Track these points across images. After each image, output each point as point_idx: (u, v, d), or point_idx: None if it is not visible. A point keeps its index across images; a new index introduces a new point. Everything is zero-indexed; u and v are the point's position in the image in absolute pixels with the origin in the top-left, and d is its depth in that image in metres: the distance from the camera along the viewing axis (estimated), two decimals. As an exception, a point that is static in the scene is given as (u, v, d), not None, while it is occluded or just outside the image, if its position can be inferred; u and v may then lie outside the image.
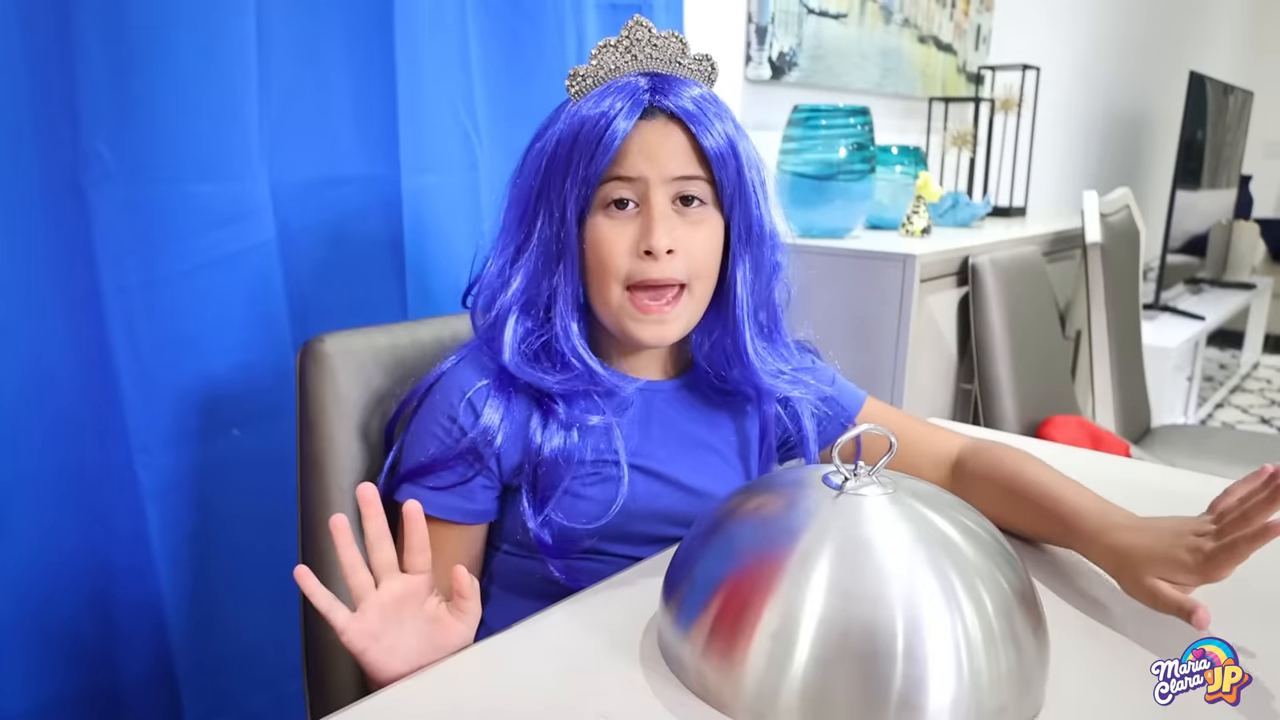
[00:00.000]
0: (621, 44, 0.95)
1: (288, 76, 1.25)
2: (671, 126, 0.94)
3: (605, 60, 0.94)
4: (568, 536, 0.98)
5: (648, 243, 0.93)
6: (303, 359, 1.06)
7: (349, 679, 1.05)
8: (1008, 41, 3.65)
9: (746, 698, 0.67)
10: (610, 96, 0.93)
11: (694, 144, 0.94)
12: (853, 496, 0.71)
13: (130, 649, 1.22)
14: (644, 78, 0.94)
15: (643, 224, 0.94)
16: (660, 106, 0.93)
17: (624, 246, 0.94)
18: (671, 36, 0.96)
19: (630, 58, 0.95)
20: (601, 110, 0.92)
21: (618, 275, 0.95)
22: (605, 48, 0.94)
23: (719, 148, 0.94)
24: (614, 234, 0.95)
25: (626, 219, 0.95)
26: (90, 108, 1.07)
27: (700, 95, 0.95)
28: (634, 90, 0.93)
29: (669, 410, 1.05)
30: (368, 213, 1.37)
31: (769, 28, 2.39)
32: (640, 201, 0.94)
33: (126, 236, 1.12)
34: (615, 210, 0.95)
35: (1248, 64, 7.19)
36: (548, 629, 0.82)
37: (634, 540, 1.00)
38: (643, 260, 0.94)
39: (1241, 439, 3.01)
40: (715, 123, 0.94)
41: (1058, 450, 1.35)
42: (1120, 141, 5.33)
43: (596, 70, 0.94)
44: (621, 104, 0.92)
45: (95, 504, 1.16)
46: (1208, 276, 4.89)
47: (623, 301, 0.96)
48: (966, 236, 2.52)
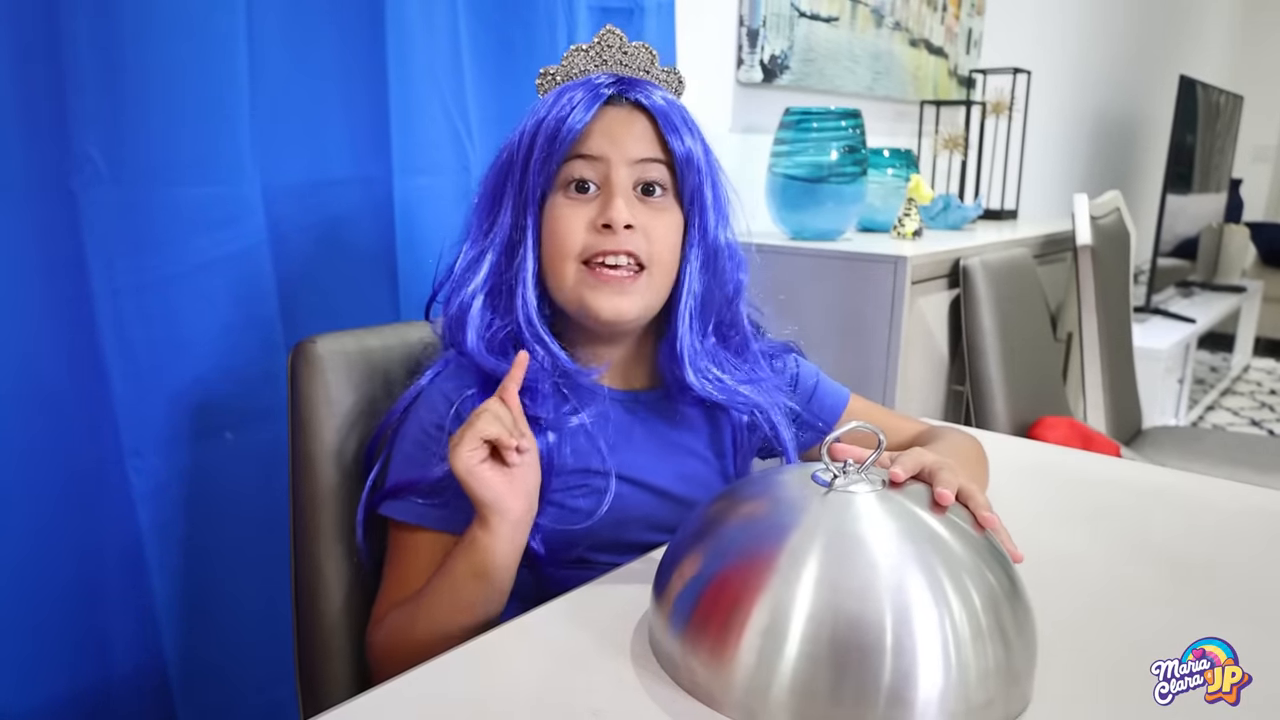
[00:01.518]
0: (593, 50, 0.97)
1: (279, 78, 1.25)
2: (636, 114, 0.96)
3: (575, 62, 0.97)
4: (557, 543, 0.98)
5: (606, 216, 0.94)
6: (294, 360, 1.06)
7: (342, 681, 1.05)
8: (999, 45, 3.66)
9: (737, 693, 0.67)
10: (576, 89, 0.95)
11: (657, 134, 0.96)
12: (842, 494, 0.72)
13: (122, 651, 1.21)
14: (611, 77, 0.97)
15: (602, 200, 0.95)
16: (626, 96, 0.96)
17: (581, 224, 0.96)
18: (642, 48, 0.98)
19: (600, 62, 0.96)
20: (566, 99, 0.94)
21: (574, 251, 0.96)
22: (576, 51, 0.97)
23: (684, 147, 0.97)
24: (572, 213, 0.96)
25: (586, 201, 0.96)
26: (80, 110, 1.07)
27: (667, 97, 0.98)
28: (599, 83, 0.95)
29: (652, 419, 1.05)
30: (359, 215, 1.38)
31: (760, 31, 2.40)
32: (601, 184, 0.96)
33: (117, 239, 1.12)
34: (575, 193, 0.96)
35: (1238, 68, 7.21)
36: (538, 627, 0.82)
37: (621, 549, 1.00)
38: (600, 234, 0.95)
39: (1231, 440, 3.02)
40: (681, 124, 0.97)
41: (1049, 451, 1.36)
42: (1111, 145, 5.34)
43: (566, 70, 0.96)
44: (585, 93, 0.94)
45: (87, 506, 1.15)
46: (1198, 280, 4.91)
47: (580, 275, 0.96)
48: (958, 239, 2.53)
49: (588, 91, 0.95)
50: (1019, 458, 1.32)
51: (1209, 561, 0.98)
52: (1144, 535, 1.05)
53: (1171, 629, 0.83)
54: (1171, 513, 1.11)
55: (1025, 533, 1.01)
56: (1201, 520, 1.09)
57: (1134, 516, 1.10)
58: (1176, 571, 0.95)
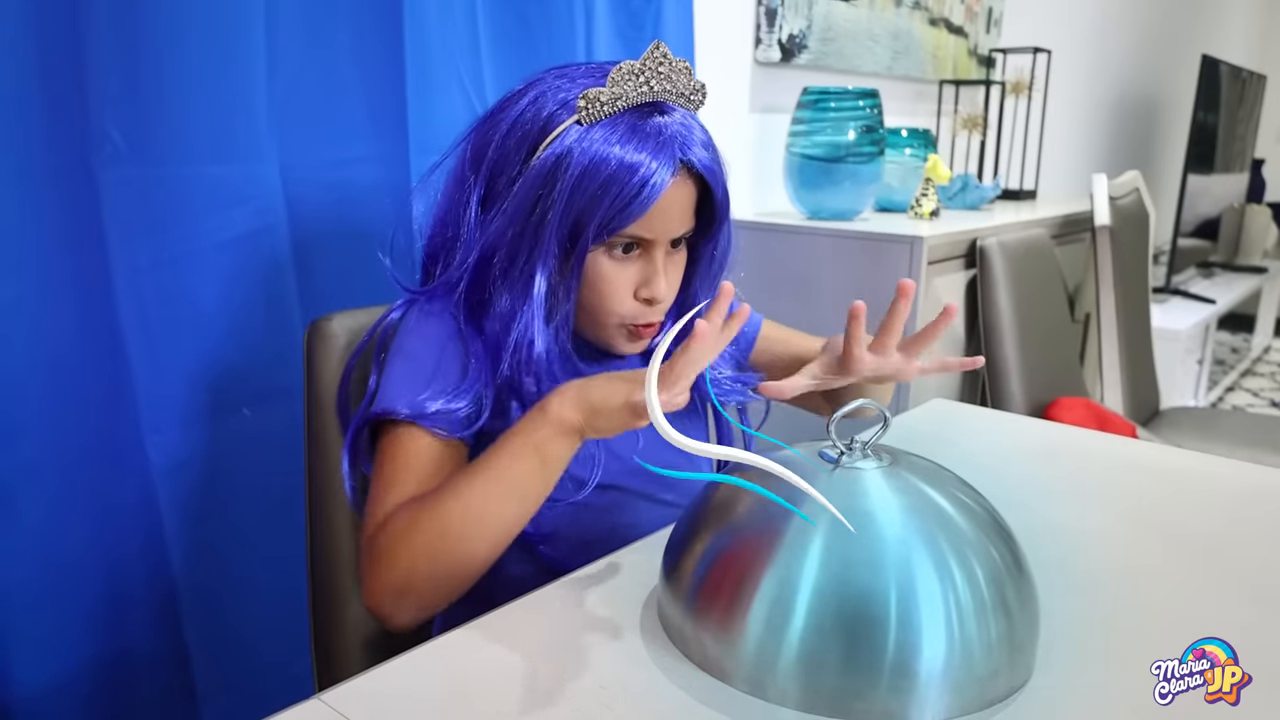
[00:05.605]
0: (641, 75, 0.94)
1: (296, 57, 1.26)
2: (688, 184, 0.98)
3: (625, 91, 0.93)
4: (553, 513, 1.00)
5: (650, 292, 0.99)
6: (310, 338, 1.07)
7: (357, 656, 1.07)
8: (1019, 24, 3.64)
9: (746, 666, 0.68)
10: (645, 147, 0.93)
11: (698, 197, 1.00)
12: (848, 470, 0.73)
13: (142, 625, 1.23)
14: (663, 117, 0.95)
15: (645, 271, 0.99)
16: (686, 164, 0.96)
17: (625, 288, 0.99)
18: (683, 69, 0.97)
19: (647, 88, 0.95)
20: (637, 162, 0.92)
21: (620, 315, 1.00)
22: (629, 76, 0.93)
23: (723, 211, 1.02)
24: (616, 274, 0.99)
25: (628, 261, 0.99)
26: (99, 90, 1.08)
27: (705, 140, 0.98)
28: (666, 146, 0.94)
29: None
30: (377, 194, 1.38)
31: (779, 10, 2.39)
32: (642, 249, 0.99)
33: (136, 218, 1.13)
34: (620, 253, 0.98)
35: (1261, 47, 7.15)
36: (548, 603, 0.83)
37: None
38: (641, 305, 1.00)
39: (1249, 421, 3.00)
40: (720, 170, 0.99)
41: (1064, 431, 1.36)
42: (1132, 125, 5.31)
43: (614, 99, 0.93)
44: (657, 162, 0.93)
45: (106, 482, 1.17)
46: (1219, 260, 4.88)
47: (618, 329, 1.02)
48: (975, 219, 2.52)
49: (662, 166, 0.93)
50: (1034, 438, 1.32)
51: (1218, 541, 0.98)
52: (1154, 514, 1.05)
53: (1175, 609, 0.83)
54: (1183, 493, 1.11)
55: (1036, 511, 1.02)
56: (1213, 500, 1.09)
57: (1145, 496, 1.10)
58: (1184, 551, 0.95)
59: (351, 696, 0.69)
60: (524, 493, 0.86)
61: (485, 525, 0.85)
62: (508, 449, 0.86)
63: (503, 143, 0.97)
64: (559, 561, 1.00)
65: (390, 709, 0.68)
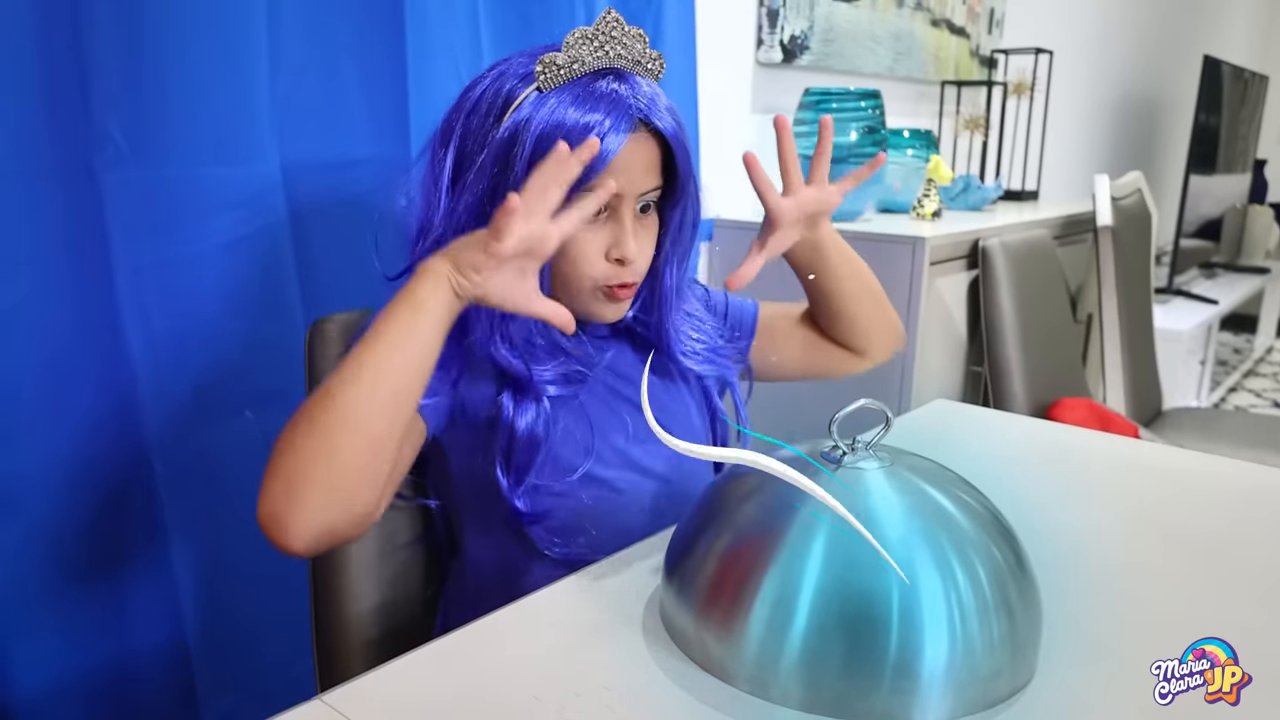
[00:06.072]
0: (595, 40, 0.94)
1: (298, 58, 1.26)
2: (649, 142, 0.98)
3: (581, 54, 0.94)
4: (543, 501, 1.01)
5: (621, 252, 0.98)
6: (312, 339, 1.07)
7: (359, 657, 1.07)
8: (1021, 25, 3.64)
9: (748, 666, 0.68)
10: (598, 108, 0.93)
11: (662, 159, 1.00)
12: (850, 470, 0.73)
13: (144, 625, 1.23)
14: (619, 83, 0.95)
15: (614, 233, 0.99)
16: (646, 123, 0.96)
17: (596, 251, 0.99)
18: (638, 35, 0.97)
19: (603, 54, 0.95)
20: (592, 121, 0.92)
21: (593, 277, 1.00)
22: (581, 40, 0.94)
23: (687, 170, 1.01)
24: (586, 238, 0.98)
25: (597, 225, 0.98)
26: (101, 91, 1.08)
27: (668, 105, 0.99)
28: (622, 105, 0.94)
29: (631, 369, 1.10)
30: (379, 194, 1.38)
31: (780, 11, 2.39)
32: (610, 211, 0.98)
33: (138, 219, 1.13)
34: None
35: (1263, 47, 7.15)
36: (550, 604, 0.83)
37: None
38: (613, 266, 1.00)
39: (1251, 422, 3.00)
40: (681, 133, 1.00)
41: (1066, 431, 1.35)
42: (1134, 125, 5.31)
43: (570, 61, 0.94)
44: (611, 120, 0.93)
45: (107, 483, 1.17)
46: (1222, 261, 4.88)
47: (593, 294, 1.01)
48: (977, 220, 2.52)
49: (616, 121, 0.93)
50: (1036, 438, 1.32)
51: (1220, 542, 0.98)
52: (1156, 515, 1.05)
53: (1177, 609, 0.83)
54: (1185, 493, 1.11)
55: (1038, 511, 1.02)
56: (1215, 501, 1.09)
57: (1147, 496, 1.10)
58: (1186, 551, 0.95)
59: (353, 697, 0.69)
60: (398, 341, 0.83)
61: (362, 384, 0.81)
62: (381, 313, 0.85)
63: (468, 119, 0.97)
64: (548, 545, 1.02)
65: (392, 710, 0.68)
